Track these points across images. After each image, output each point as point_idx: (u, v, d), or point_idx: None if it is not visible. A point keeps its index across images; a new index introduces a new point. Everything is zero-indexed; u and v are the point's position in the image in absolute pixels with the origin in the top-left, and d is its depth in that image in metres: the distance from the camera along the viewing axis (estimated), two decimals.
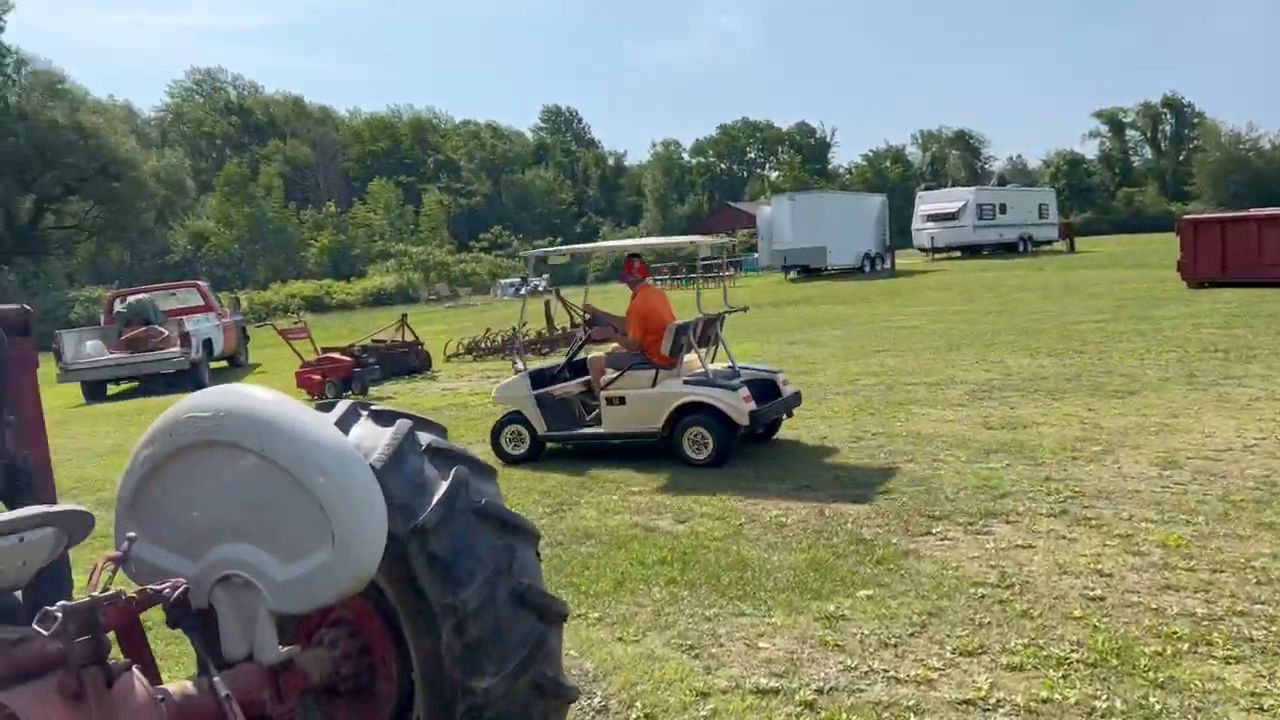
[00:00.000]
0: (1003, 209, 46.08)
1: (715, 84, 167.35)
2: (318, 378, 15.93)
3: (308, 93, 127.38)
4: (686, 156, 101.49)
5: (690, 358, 9.20)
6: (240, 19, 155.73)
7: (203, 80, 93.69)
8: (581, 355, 10.21)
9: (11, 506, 3.04)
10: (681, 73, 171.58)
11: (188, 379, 19.62)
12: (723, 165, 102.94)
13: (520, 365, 9.82)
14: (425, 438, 2.88)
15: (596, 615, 5.21)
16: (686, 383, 8.81)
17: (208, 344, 21.31)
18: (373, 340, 19.32)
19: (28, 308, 3.34)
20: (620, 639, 4.88)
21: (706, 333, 9.52)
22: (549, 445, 9.55)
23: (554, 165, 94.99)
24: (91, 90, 72.42)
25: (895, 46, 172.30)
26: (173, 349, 19.76)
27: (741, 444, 8.93)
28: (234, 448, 2.58)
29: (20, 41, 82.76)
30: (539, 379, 9.60)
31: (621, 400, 9.04)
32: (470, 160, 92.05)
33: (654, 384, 8.92)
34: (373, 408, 2.98)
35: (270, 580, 2.56)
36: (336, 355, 16.96)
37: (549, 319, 20.54)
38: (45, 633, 2.18)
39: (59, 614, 2.17)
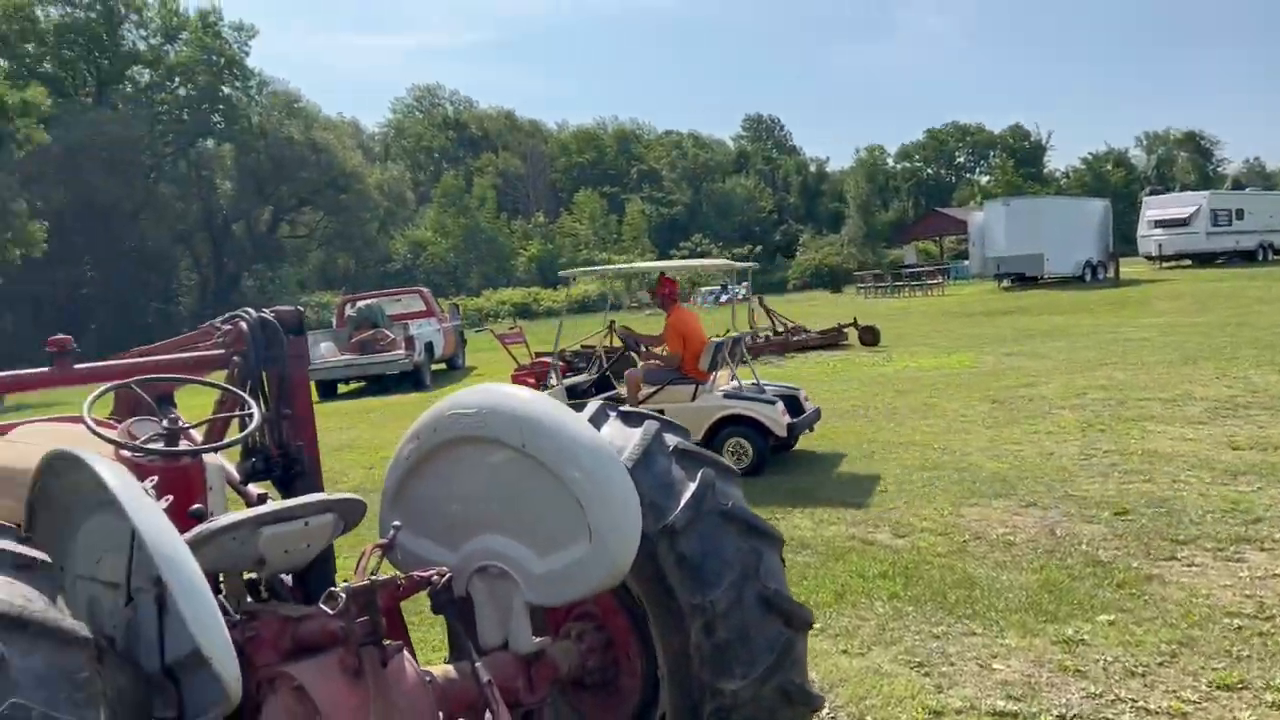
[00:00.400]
0: (1240, 214, 42.64)
1: (922, 87, 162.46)
2: (532, 381, 16.44)
3: (519, 107, 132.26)
4: (891, 162, 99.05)
5: (721, 373, 9.67)
6: (458, 37, 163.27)
7: (422, 97, 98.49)
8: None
9: (286, 494, 3.25)
10: (886, 77, 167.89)
11: (411, 380, 20.72)
12: (929, 170, 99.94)
13: (555, 380, 10.30)
14: (671, 439, 2.92)
15: (818, 626, 5.12)
16: (726, 396, 9.28)
17: (429, 347, 22.32)
18: (582, 346, 19.77)
19: (301, 309, 3.59)
20: (844, 651, 4.80)
21: (735, 350, 10.00)
22: None
23: (754, 173, 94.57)
24: (323, 108, 77.56)
25: (1116, 44, 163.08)
26: (398, 351, 20.85)
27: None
28: (496, 444, 2.68)
29: (262, 64, 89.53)
30: (570, 395, 10.01)
31: (660, 414, 9.14)
32: (672, 170, 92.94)
33: (694, 398, 9.30)
34: (621, 409, 3.04)
35: (527, 572, 2.65)
36: (549, 360, 17.46)
37: (750, 324, 20.53)
38: (330, 612, 2.32)
39: (343, 594, 2.29)
